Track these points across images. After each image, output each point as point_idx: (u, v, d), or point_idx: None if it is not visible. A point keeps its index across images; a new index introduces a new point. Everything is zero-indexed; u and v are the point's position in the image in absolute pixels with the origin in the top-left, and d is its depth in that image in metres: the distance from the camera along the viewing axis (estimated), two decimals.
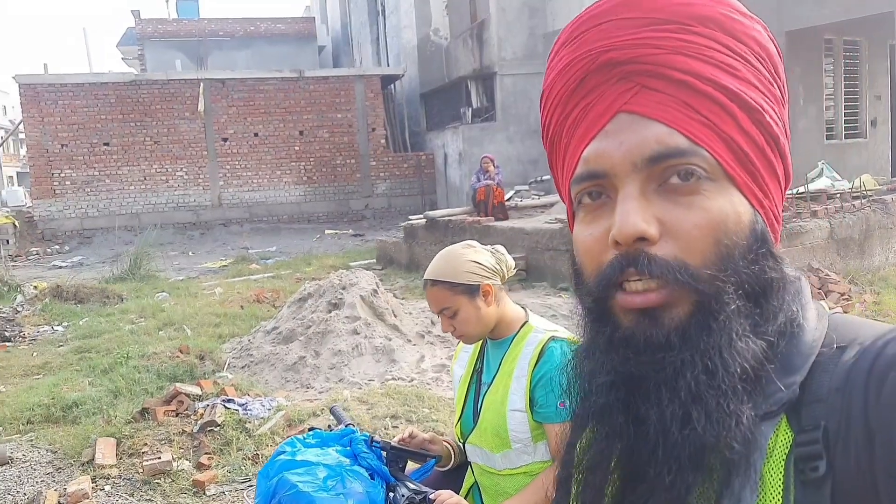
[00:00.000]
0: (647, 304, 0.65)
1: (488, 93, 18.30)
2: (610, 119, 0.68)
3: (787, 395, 0.65)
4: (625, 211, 0.65)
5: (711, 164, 0.66)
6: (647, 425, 0.65)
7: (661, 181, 0.66)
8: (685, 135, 0.66)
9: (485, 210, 11.27)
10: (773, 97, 0.70)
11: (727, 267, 0.65)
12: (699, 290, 0.64)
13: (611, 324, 0.69)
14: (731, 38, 0.68)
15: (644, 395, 0.65)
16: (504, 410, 1.89)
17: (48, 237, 18.45)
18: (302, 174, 20.24)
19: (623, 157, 0.67)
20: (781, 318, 0.68)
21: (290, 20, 29.11)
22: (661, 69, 0.66)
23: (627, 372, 0.66)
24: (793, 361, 0.66)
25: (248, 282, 11.19)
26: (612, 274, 0.67)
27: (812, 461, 0.61)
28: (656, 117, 0.66)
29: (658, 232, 0.65)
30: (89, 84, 18.85)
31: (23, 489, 4.01)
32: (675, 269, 0.64)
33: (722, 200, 0.66)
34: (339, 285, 6.63)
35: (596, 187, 0.70)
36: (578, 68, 0.70)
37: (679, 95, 0.66)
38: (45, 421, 5.00)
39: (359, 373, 5.68)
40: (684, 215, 0.65)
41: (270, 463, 1.84)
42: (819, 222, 8.12)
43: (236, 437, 4.45)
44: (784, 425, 0.65)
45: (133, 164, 19.12)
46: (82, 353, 6.89)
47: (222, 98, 19.60)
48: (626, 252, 0.65)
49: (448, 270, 1.92)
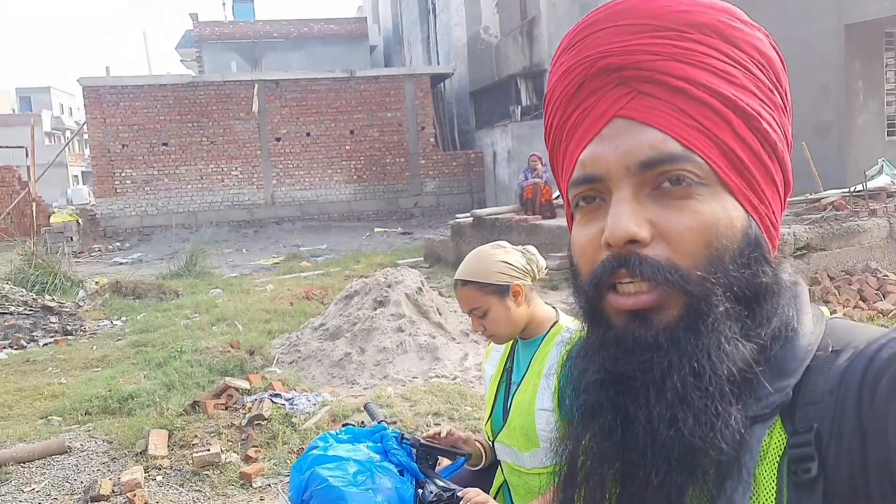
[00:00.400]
0: (638, 305, 0.66)
1: (538, 91, 18.20)
2: (606, 124, 0.69)
3: (781, 397, 0.65)
4: (616, 214, 0.66)
5: (705, 169, 0.67)
6: (635, 425, 0.66)
7: (655, 185, 0.67)
8: (679, 140, 0.66)
9: (532, 208, 11.22)
10: (773, 104, 0.70)
11: (717, 269, 0.65)
12: (689, 292, 0.65)
13: (603, 324, 0.70)
14: (729, 46, 0.68)
15: (633, 395, 0.66)
16: (533, 409, 1.90)
17: (109, 234, 19.07)
18: (352, 173, 20.46)
19: (617, 162, 0.68)
20: (775, 322, 0.68)
21: (342, 20, 29.47)
22: (658, 75, 0.67)
23: (616, 371, 0.67)
24: (787, 365, 0.67)
25: (298, 279, 11.38)
26: (604, 274, 0.68)
27: (804, 463, 0.62)
28: (651, 123, 0.67)
29: (650, 234, 0.66)
30: (149, 86, 19.42)
31: (80, 477, 4.18)
32: (665, 270, 0.65)
33: (714, 205, 0.67)
34: (384, 283, 6.71)
35: (591, 191, 0.71)
36: (577, 73, 0.71)
37: (674, 101, 0.67)
38: (102, 412, 5.18)
39: (403, 370, 5.74)
40: (676, 218, 0.66)
41: (303, 457, 1.90)
42: (878, 221, 7.88)
43: (282, 431, 4.55)
44: (778, 428, 0.65)
45: (190, 164, 19.62)
46: (139, 347, 7.12)
47: (276, 98, 19.95)
48: (617, 253, 0.66)
49: (478, 271, 1.93)
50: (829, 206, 8.13)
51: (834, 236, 7.53)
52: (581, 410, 0.72)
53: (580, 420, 0.73)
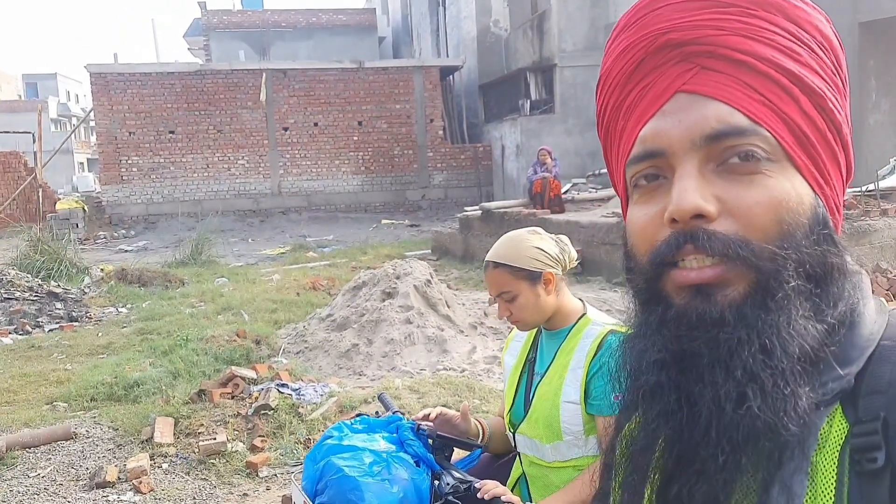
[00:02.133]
0: (703, 279, 0.64)
1: (547, 85, 18.12)
2: (668, 99, 0.68)
3: (842, 384, 0.64)
4: (683, 188, 0.64)
5: (772, 144, 0.65)
6: (699, 405, 0.63)
7: (721, 161, 0.65)
8: (745, 114, 0.65)
9: (541, 202, 11.18)
10: (836, 87, 0.69)
11: (789, 245, 0.64)
12: (759, 267, 0.63)
13: (663, 303, 0.68)
14: (792, 24, 0.67)
15: (697, 374, 0.64)
16: (557, 401, 1.87)
17: (115, 222, 19.08)
18: (360, 164, 20.42)
19: (681, 135, 0.66)
20: (842, 306, 0.67)
21: (351, 11, 29.41)
22: (721, 49, 0.66)
23: (679, 349, 0.65)
24: (849, 352, 0.65)
25: (304, 269, 11.35)
26: (668, 251, 0.66)
27: (869, 452, 0.60)
28: (716, 96, 0.65)
29: (717, 210, 0.64)
30: (156, 73, 19.39)
31: (86, 464, 4.16)
32: (736, 245, 0.63)
33: (783, 181, 0.65)
34: (393, 275, 6.67)
35: (652, 168, 0.69)
36: (637, 50, 0.70)
37: (739, 76, 0.65)
38: (107, 399, 5.17)
39: (410, 362, 5.71)
40: (745, 192, 0.64)
41: (318, 447, 1.86)
42: (889, 221, 7.82)
43: (289, 421, 4.52)
44: (839, 416, 0.63)
45: (197, 152, 19.60)
46: (144, 334, 7.10)
47: (284, 88, 19.91)
48: (683, 229, 0.64)
49: (511, 254, 1.91)
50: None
51: (844, 236, 7.39)
52: (641, 392, 0.69)
53: (640, 403, 0.70)
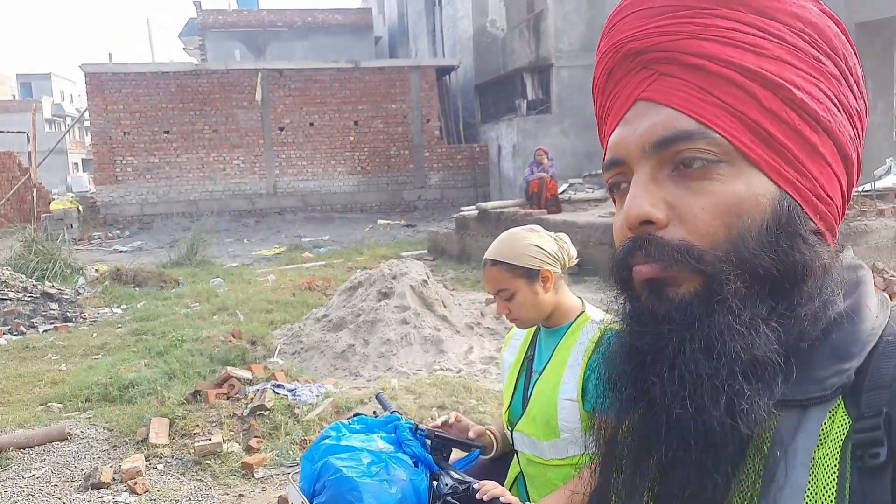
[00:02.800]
0: (649, 274, 0.67)
1: (544, 85, 18.11)
2: (630, 107, 0.71)
3: (842, 380, 0.64)
4: (632, 195, 0.68)
5: (723, 146, 0.66)
6: (653, 402, 0.65)
7: (674, 166, 0.67)
8: (693, 117, 0.66)
9: (538, 203, 11.17)
10: (821, 74, 0.68)
11: (737, 249, 0.65)
12: (703, 272, 0.65)
13: (631, 297, 0.71)
14: (758, 17, 0.66)
15: (649, 370, 0.66)
16: (555, 399, 1.86)
17: (110, 222, 19.02)
18: (356, 164, 20.40)
19: (635, 144, 0.69)
20: (816, 303, 0.67)
21: (347, 11, 29.35)
22: (676, 55, 0.67)
23: (633, 344, 0.68)
24: (848, 348, 0.65)
25: (300, 269, 11.33)
26: (622, 255, 0.70)
27: (872, 448, 0.60)
28: (667, 102, 0.67)
29: (666, 216, 0.66)
30: (151, 73, 19.33)
31: (80, 465, 4.13)
32: (675, 251, 0.65)
33: (737, 184, 0.65)
34: (389, 275, 6.65)
35: (619, 175, 0.72)
36: (607, 60, 0.73)
37: (693, 80, 0.67)
38: (102, 399, 5.14)
39: (407, 362, 5.69)
40: (693, 199, 0.66)
41: (315, 447, 1.84)
42: (886, 221, 7.84)
43: (285, 421, 4.50)
44: (840, 412, 0.63)
45: (192, 152, 19.55)
46: (139, 335, 7.07)
47: (279, 88, 19.87)
48: (635, 236, 0.68)
49: (509, 252, 1.90)
50: None
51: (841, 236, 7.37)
52: (608, 382, 0.73)
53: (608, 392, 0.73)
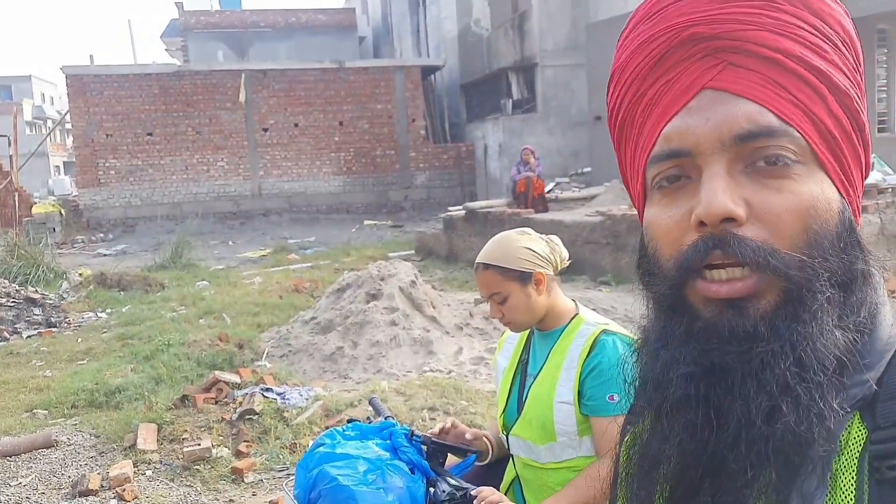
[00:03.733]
0: (734, 294, 0.62)
1: (529, 84, 18.14)
2: (694, 95, 0.65)
3: (864, 391, 0.62)
4: (712, 189, 0.62)
5: (802, 146, 0.63)
6: (727, 419, 0.61)
7: (749, 162, 0.63)
8: (776, 114, 0.63)
9: (524, 202, 11.19)
10: (857, 84, 0.67)
11: (818, 254, 0.62)
12: (790, 277, 0.61)
13: (688, 313, 0.65)
14: (817, 19, 0.65)
15: (727, 388, 0.62)
16: (551, 402, 1.86)
17: (93, 225, 18.84)
18: (341, 165, 20.33)
19: (710, 135, 0.63)
20: (864, 311, 0.65)
21: (330, 11, 29.24)
22: (749, 45, 0.63)
23: (709, 363, 0.63)
24: (868, 358, 0.64)
25: (286, 272, 11.27)
26: (696, 257, 0.63)
27: (889, 459, 0.59)
28: (745, 94, 0.63)
29: (746, 214, 0.62)
30: (134, 75, 19.18)
31: (67, 472, 4.08)
32: (766, 253, 0.61)
33: (812, 185, 0.63)
34: (377, 276, 6.62)
35: (676, 168, 0.66)
36: (659, 44, 0.67)
37: (768, 73, 0.63)
38: (89, 406, 5.08)
39: (396, 364, 5.67)
40: (774, 198, 0.62)
41: (309, 454, 1.82)
42: (869, 218, 7.89)
43: (274, 425, 4.47)
44: (857, 422, 0.62)
45: (175, 154, 19.41)
46: (125, 339, 7.00)
47: (263, 89, 19.77)
48: (711, 234, 0.62)
49: (501, 255, 1.89)
50: None
51: None
52: (667, 405, 0.66)
53: (665, 415, 0.67)
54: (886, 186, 9.15)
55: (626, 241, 8.34)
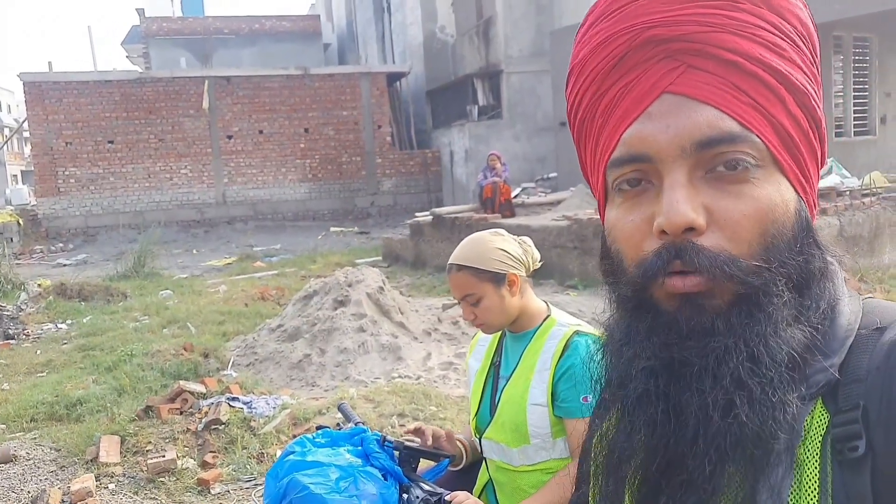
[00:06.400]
0: (690, 288, 0.63)
1: (495, 90, 18.22)
2: (654, 100, 0.65)
3: (826, 377, 0.64)
4: (674, 199, 0.62)
5: (761, 150, 0.64)
6: (686, 414, 0.63)
7: (709, 168, 0.64)
8: (736, 118, 0.63)
9: (491, 207, 11.21)
10: (814, 79, 0.68)
11: (774, 258, 0.63)
12: (746, 283, 0.62)
13: (652, 311, 0.67)
14: (776, 17, 0.65)
15: (686, 383, 0.63)
16: (524, 404, 1.84)
17: (52, 235, 18.43)
18: (307, 172, 20.18)
19: (670, 142, 0.64)
20: (823, 304, 0.67)
21: (295, 18, 29.01)
22: (709, 48, 0.63)
23: (669, 357, 0.64)
24: (830, 345, 0.65)
25: (252, 280, 11.15)
26: (658, 265, 0.64)
27: (850, 441, 0.60)
28: (705, 99, 0.63)
29: (706, 222, 0.63)
30: (94, 82, 18.82)
31: (27, 487, 3.96)
32: (723, 262, 0.62)
33: (770, 188, 0.64)
34: (344, 282, 6.57)
35: (637, 172, 0.67)
36: (618, 44, 0.66)
37: (727, 76, 0.63)
38: (48, 419, 4.95)
39: (365, 370, 5.62)
40: (733, 204, 0.63)
41: (279, 463, 1.78)
42: (828, 220, 8.05)
43: (241, 435, 4.40)
44: (819, 407, 0.64)
45: (137, 162, 19.08)
46: (86, 350, 6.84)
47: (227, 95, 19.55)
48: (672, 243, 0.63)
49: (474, 256, 1.87)
50: None
51: None
52: (628, 401, 0.68)
53: (627, 411, 0.68)
54: (845, 189, 9.35)
55: (592, 245, 8.39)
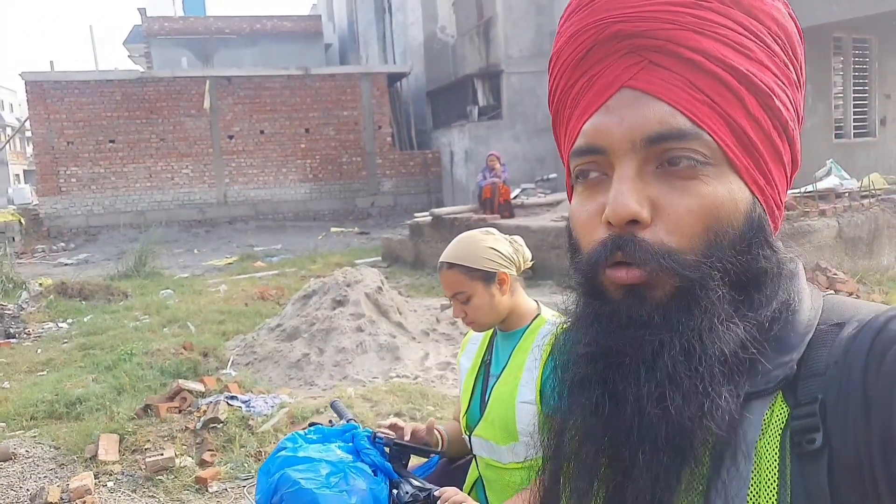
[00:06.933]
0: (632, 280, 0.65)
1: (495, 91, 18.22)
2: (613, 94, 0.66)
3: (784, 371, 0.65)
4: (619, 191, 0.64)
5: (712, 148, 0.65)
6: (624, 403, 0.64)
7: (660, 163, 0.65)
8: (688, 116, 0.64)
9: (490, 208, 11.23)
10: (788, 80, 0.68)
11: (714, 254, 0.64)
12: (684, 277, 0.64)
13: (600, 297, 0.69)
14: (747, 17, 0.65)
15: (623, 372, 0.65)
16: (513, 402, 1.86)
17: (54, 234, 18.47)
18: (308, 172, 20.21)
19: (622, 135, 0.65)
20: (775, 303, 0.68)
21: (296, 18, 29.06)
22: (671, 45, 0.64)
23: (607, 345, 0.66)
24: (789, 340, 0.66)
25: (252, 279, 11.18)
26: (602, 254, 0.66)
27: (808, 434, 0.61)
28: (660, 96, 0.64)
29: (650, 215, 0.64)
30: (95, 81, 18.86)
31: (26, 485, 4.00)
32: (659, 256, 0.63)
33: (719, 186, 0.65)
34: (343, 282, 6.60)
35: (593, 164, 0.68)
36: (586, 37, 0.68)
37: (686, 74, 0.64)
38: (48, 417, 4.99)
39: (363, 370, 5.65)
40: (678, 199, 0.64)
41: (271, 459, 1.81)
42: (827, 221, 8.06)
43: (239, 434, 4.43)
44: (780, 401, 0.64)
45: (139, 162, 19.12)
46: (86, 349, 6.88)
47: (228, 95, 19.59)
48: (617, 234, 0.65)
49: (465, 254, 1.89)
50: None
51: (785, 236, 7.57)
52: (569, 384, 0.70)
53: (568, 394, 0.71)
54: (844, 191, 9.35)
55: None
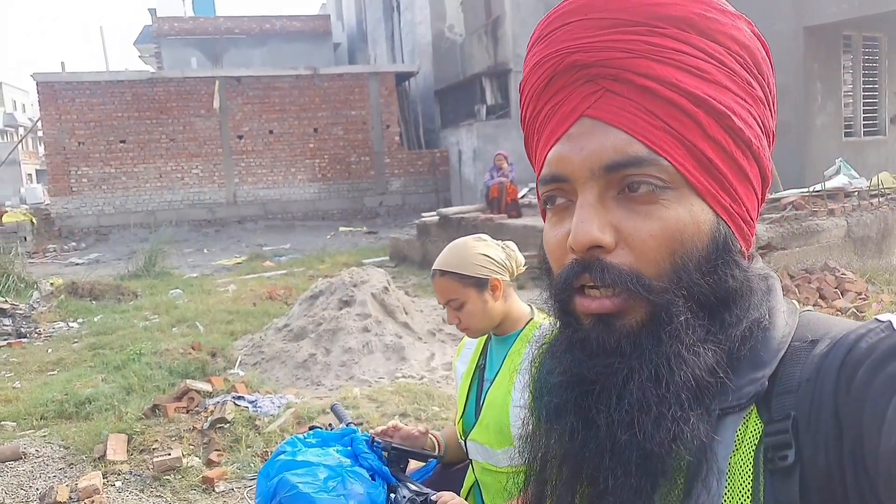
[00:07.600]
0: (602, 310, 0.66)
1: (503, 90, 18.22)
2: (573, 123, 0.68)
3: (756, 388, 0.65)
4: (580, 219, 0.66)
5: (670, 172, 0.65)
6: (597, 429, 0.66)
7: (620, 189, 0.66)
8: (644, 143, 0.65)
9: (498, 207, 11.23)
10: (752, 98, 0.69)
11: (681, 278, 0.65)
12: (651, 301, 0.65)
13: (572, 325, 0.70)
14: (704, 40, 0.66)
15: (595, 400, 0.66)
16: (507, 406, 1.88)
17: (65, 234, 18.60)
18: (316, 171, 20.27)
19: (582, 164, 0.67)
20: (745, 323, 0.68)
21: (305, 18, 29.14)
22: (625, 73, 0.65)
23: (580, 374, 0.68)
24: (761, 358, 0.67)
25: (261, 279, 11.23)
26: (570, 278, 0.68)
27: (781, 450, 0.62)
28: (617, 124, 0.66)
29: (614, 240, 0.65)
30: (106, 82, 18.97)
31: (35, 484, 4.05)
32: (627, 279, 0.65)
33: (680, 210, 0.66)
34: (350, 283, 6.63)
35: (558, 190, 0.70)
36: (547, 67, 0.70)
37: (641, 101, 0.65)
38: (58, 417, 5.04)
39: (369, 370, 5.68)
40: (641, 224, 0.65)
41: (270, 462, 1.84)
42: (836, 220, 8.02)
43: (246, 434, 4.46)
44: (753, 417, 0.65)
45: (149, 162, 19.23)
46: (96, 349, 6.94)
47: (238, 95, 19.66)
48: (581, 259, 0.66)
49: (457, 262, 1.91)
50: (788, 206, 8.25)
51: (794, 235, 7.65)
52: (546, 410, 0.72)
53: (546, 420, 0.73)
54: (853, 190, 9.29)
55: None
